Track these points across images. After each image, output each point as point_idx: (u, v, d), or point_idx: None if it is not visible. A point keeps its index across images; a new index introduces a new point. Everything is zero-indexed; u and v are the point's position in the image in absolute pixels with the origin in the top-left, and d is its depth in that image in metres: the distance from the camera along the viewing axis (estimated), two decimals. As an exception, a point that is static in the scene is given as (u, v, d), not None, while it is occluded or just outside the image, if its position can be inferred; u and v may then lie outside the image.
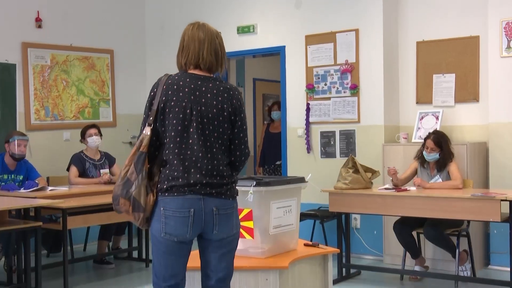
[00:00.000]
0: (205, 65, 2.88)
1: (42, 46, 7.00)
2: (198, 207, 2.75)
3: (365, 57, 6.47)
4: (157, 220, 2.79)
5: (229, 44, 7.46)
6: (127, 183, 2.81)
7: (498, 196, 4.71)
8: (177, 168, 2.77)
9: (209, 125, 2.79)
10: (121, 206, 2.82)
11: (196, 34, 2.89)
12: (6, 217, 5.06)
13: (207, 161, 2.78)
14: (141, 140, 2.81)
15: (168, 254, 2.79)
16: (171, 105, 2.80)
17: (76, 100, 7.36)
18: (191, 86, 2.82)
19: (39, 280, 4.89)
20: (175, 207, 2.75)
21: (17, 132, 6.03)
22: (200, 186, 2.76)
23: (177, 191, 2.75)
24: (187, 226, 2.74)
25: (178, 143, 2.78)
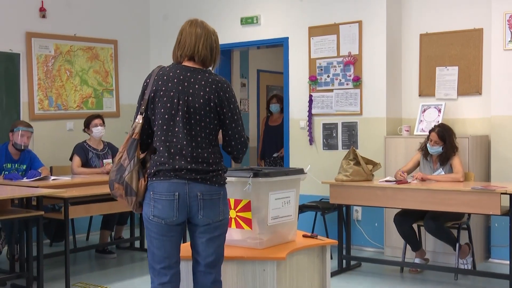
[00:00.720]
0: (199, 58, 3.00)
1: (46, 36, 7.02)
2: (182, 191, 2.88)
3: (368, 49, 6.47)
4: (147, 204, 2.95)
5: (233, 35, 7.51)
6: (120, 168, 2.97)
7: (498, 189, 4.71)
8: (163, 154, 2.92)
9: (195, 115, 2.91)
10: (116, 191, 2.98)
11: (193, 30, 3.02)
12: (9, 206, 5.09)
13: (191, 148, 2.90)
14: (134, 128, 3.00)
15: (159, 236, 2.92)
16: (160, 94, 2.95)
17: (80, 90, 7.38)
18: (180, 77, 2.95)
19: (41, 269, 4.92)
20: (162, 191, 2.89)
21: (23, 123, 6.05)
22: (186, 171, 2.89)
23: (163, 175, 2.90)
24: (173, 209, 2.89)
25: (165, 130, 2.93)
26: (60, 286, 5.10)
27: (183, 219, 2.94)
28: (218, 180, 2.96)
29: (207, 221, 2.93)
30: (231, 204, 3.32)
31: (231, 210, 3.33)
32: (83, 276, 5.59)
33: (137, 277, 5.66)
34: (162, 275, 2.95)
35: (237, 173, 3.30)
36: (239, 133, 3.00)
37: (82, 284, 5.28)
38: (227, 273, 3.13)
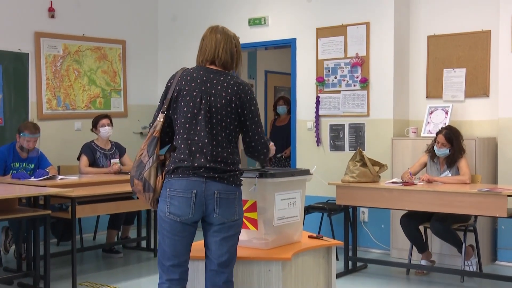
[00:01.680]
0: (220, 62, 3.08)
1: (55, 36, 7.06)
2: (200, 189, 2.93)
3: (375, 51, 6.46)
4: (163, 201, 3.00)
5: (241, 36, 7.45)
6: (140, 165, 3.06)
7: (505, 191, 4.70)
8: (183, 152, 2.98)
9: (217, 115, 2.98)
10: (135, 187, 3.07)
11: (213, 36, 3.10)
12: (16, 205, 5.13)
13: (212, 147, 2.96)
14: (155, 126, 3.08)
15: (172, 234, 2.97)
16: (183, 94, 3.02)
17: (88, 90, 7.41)
18: (203, 78, 3.03)
19: (48, 268, 4.94)
20: (179, 188, 2.94)
21: (30, 128, 5.88)
22: (204, 169, 2.94)
23: (182, 172, 2.96)
24: (189, 206, 2.93)
25: (187, 129, 3.00)
26: (67, 285, 5.13)
27: (198, 217, 2.99)
28: (235, 180, 3.02)
29: (222, 220, 2.97)
30: (237, 204, 3.32)
31: (237, 211, 3.33)
32: (90, 275, 5.61)
33: (143, 276, 5.68)
34: (171, 272, 3.01)
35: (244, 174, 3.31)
36: (259, 134, 3.05)
37: (88, 283, 5.30)
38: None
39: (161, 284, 3.05)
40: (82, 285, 5.22)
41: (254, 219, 3.29)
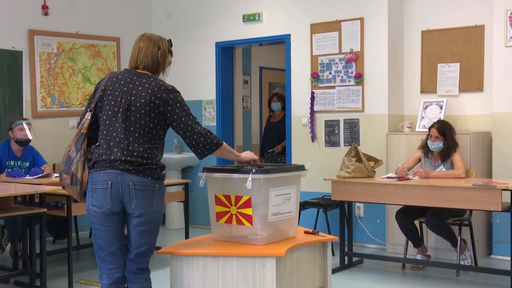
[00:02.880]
0: (142, 66, 3.30)
1: (49, 33, 7.04)
2: (115, 180, 3.10)
3: (370, 46, 6.47)
4: (87, 195, 3.19)
5: (235, 32, 7.52)
6: (68, 160, 3.23)
7: (499, 185, 4.71)
8: (102, 146, 3.17)
9: (136, 113, 3.15)
10: (63, 180, 3.23)
11: (138, 44, 3.36)
12: (12, 203, 5.12)
13: (128, 142, 3.13)
14: (83, 123, 3.26)
15: (99, 225, 3.18)
16: (107, 93, 3.23)
17: (82, 87, 7.40)
18: (127, 80, 3.23)
19: (44, 266, 4.94)
20: (97, 180, 3.13)
21: (18, 118, 6.11)
22: (120, 162, 3.11)
23: (99, 166, 3.15)
24: (106, 197, 3.11)
25: (107, 125, 3.19)
26: (63, 283, 5.13)
27: (118, 208, 3.14)
28: (152, 174, 3.14)
29: (140, 211, 3.13)
30: (232, 200, 3.33)
31: (232, 207, 3.34)
32: (86, 273, 5.61)
33: (139, 273, 5.67)
34: (107, 261, 3.19)
35: (238, 170, 3.32)
36: (191, 126, 3.16)
37: (85, 281, 5.30)
38: (227, 269, 3.15)
39: (102, 275, 3.21)
40: (79, 282, 5.22)
41: (249, 215, 3.30)
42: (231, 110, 7.88)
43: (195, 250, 3.29)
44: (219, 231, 3.45)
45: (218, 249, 3.29)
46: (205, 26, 7.73)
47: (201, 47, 7.75)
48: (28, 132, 5.93)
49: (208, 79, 7.72)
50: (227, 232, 3.41)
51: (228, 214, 3.37)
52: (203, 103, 7.75)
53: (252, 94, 9.87)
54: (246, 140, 9.18)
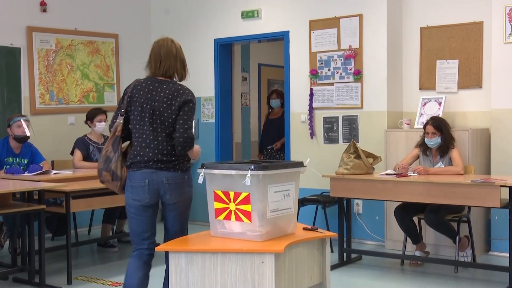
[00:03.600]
0: (162, 74, 3.70)
1: (47, 30, 7.04)
2: (151, 178, 3.61)
3: (369, 43, 6.47)
4: (126, 190, 3.69)
5: (234, 29, 7.52)
6: (107, 160, 3.68)
7: (498, 182, 4.71)
8: (136, 149, 3.65)
9: (160, 116, 3.59)
10: (104, 177, 3.70)
11: (158, 53, 3.72)
12: (11, 200, 5.13)
13: (157, 143, 3.60)
14: (116, 127, 3.68)
15: (136, 215, 3.68)
16: (134, 101, 3.65)
17: (81, 84, 7.40)
18: (149, 87, 3.66)
19: (43, 263, 4.95)
20: (135, 179, 3.63)
21: (16, 114, 6.11)
22: (153, 162, 3.60)
23: (136, 166, 3.64)
24: (144, 193, 3.62)
25: (137, 129, 3.65)
26: (62, 279, 5.13)
27: (154, 201, 3.67)
28: (181, 167, 3.65)
29: (174, 201, 3.65)
30: (231, 196, 3.33)
31: (231, 203, 3.35)
32: (85, 269, 5.61)
33: (138, 270, 5.67)
34: (140, 244, 3.73)
35: (237, 166, 3.32)
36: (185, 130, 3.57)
37: (84, 277, 5.31)
38: (226, 265, 3.15)
39: (133, 252, 3.76)
40: (77, 279, 5.23)
41: (247, 211, 3.30)
42: (230, 107, 7.88)
43: (194, 246, 3.30)
44: (218, 227, 3.45)
45: (217, 245, 3.29)
46: (203, 23, 7.73)
47: (200, 44, 7.75)
48: (27, 129, 5.93)
49: (207, 76, 7.71)
50: (226, 229, 3.42)
51: (227, 210, 3.37)
52: (202, 100, 7.74)
53: (251, 91, 9.86)
54: (244, 137, 9.18)
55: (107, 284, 5.14)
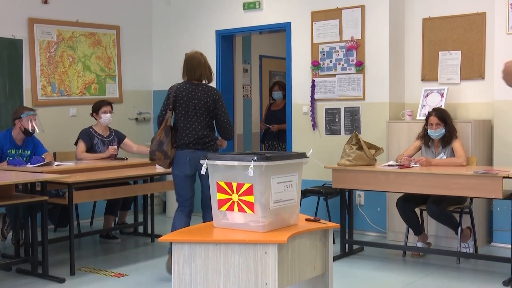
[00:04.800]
0: (196, 79, 5.05)
1: (48, 22, 7.03)
2: (191, 156, 4.93)
3: (371, 34, 6.45)
4: (173, 165, 5.01)
5: (235, 20, 7.50)
6: (160, 143, 4.95)
7: (501, 173, 4.72)
8: (181, 134, 4.98)
9: (199, 111, 4.96)
10: (156, 156, 4.97)
11: (190, 62, 5.06)
12: (13, 192, 5.13)
13: (197, 130, 4.96)
14: (167, 119, 4.97)
15: (181, 183, 5.03)
16: (178, 99, 4.98)
17: (83, 76, 7.39)
18: (189, 89, 5.01)
19: (46, 254, 4.96)
20: (181, 156, 4.97)
21: (27, 108, 6.09)
22: (193, 144, 4.95)
23: (180, 147, 4.97)
24: (186, 166, 4.96)
25: (182, 120, 4.98)
26: (65, 270, 5.14)
27: (193, 172, 4.98)
28: (212, 147, 5.00)
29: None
30: (234, 187, 3.34)
31: (234, 194, 3.35)
32: (88, 261, 5.63)
33: (141, 261, 5.70)
34: (183, 202, 5.03)
35: (240, 157, 3.32)
36: (226, 121, 5.04)
37: (87, 268, 5.32)
38: (229, 256, 3.15)
39: (178, 208, 5.05)
40: (80, 270, 5.24)
41: (250, 202, 3.30)
42: (231, 99, 7.87)
43: (197, 237, 3.29)
44: (221, 218, 3.45)
45: (220, 236, 3.29)
46: (205, 14, 7.71)
47: (201, 35, 7.73)
48: (40, 124, 5.95)
49: (209, 68, 7.68)
50: (228, 220, 3.42)
51: (230, 201, 3.37)
52: (204, 91, 7.72)
53: (252, 82, 9.85)
54: (246, 129, 9.18)
55: (109, 275, 5.15)
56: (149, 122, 8.23)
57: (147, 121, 8.19)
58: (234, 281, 3.14)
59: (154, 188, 6.45)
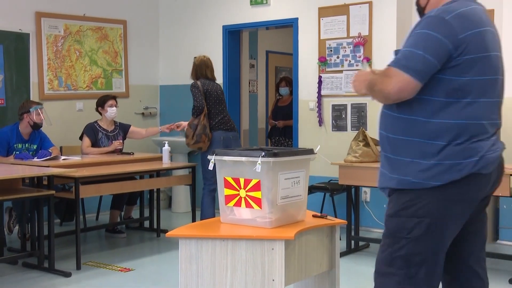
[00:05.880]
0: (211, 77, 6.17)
1: (56, 16, 7.03)
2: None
3: (378, 30, 6.43)
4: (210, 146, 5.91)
5: (242, 16, 7.49)
6: (205, 127, 5.87)
7: (508, 171, 4.69)
8: (214, 120, 6.00)
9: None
10: (202, 138, 5.84)
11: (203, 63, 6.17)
12: (20, 186, 5.14)
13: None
14: (202, 109, 5.90)
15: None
16: (209, 92, 5.97)
17: (89, 70, 7.40)
18: (211, 84, 6.05)
19: (52, 248, 4.97)
20: (215, 137, 5.96)
21: (34, 102, 6.11)
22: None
23: (215, 129, 5.98)
24: (218, 145, 5.80)
25: (214, 108, 6.02)
26: (71, 264, 5.16)
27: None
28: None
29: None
30: (241, 183, 3.33)
31: (241, 190, 3.35)
32: (93, 255, 5.64)
33: (146, 256, 5.71)
34: (209, 181, 5.93)
35: (247, 153, 3.32)
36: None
37: (92, 263, 5.34)
38: (236, 252, 3.15)
39: (204, 187, 6.00)
40: (86, 264, 5.26)
41: (258, 198, 3.30)
42: (237, 94, 7.87)
43: (204, 232, 3.30)
44: (228, 214, 3.45)
45: (227, 232, 3.29)
46: (212, 9, 7.70)
47: (208, 30, 7.73)
48: (48, 117, 5.97)
49: (215, 63, 7.60)
50: (236, 215, 3.42)
51: (237, 197, 3.37)
52: (210, 86, 7.73)
53: (258, 78, 9.84)
54: (252, 124, 9.17)
55: (115, 269, 5.16)
56: (155, 117, 8.23)
57: (153, 116, 8.19)
58: (241, 277, 3.14)
59: (160, 183, 6.46)
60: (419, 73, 2.40)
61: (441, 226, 2.51)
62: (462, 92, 2.44)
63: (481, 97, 2.49)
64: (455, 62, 2.42)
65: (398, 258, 2.58)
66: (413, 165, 2.50)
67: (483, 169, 2.48)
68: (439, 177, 2.46)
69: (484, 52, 2.48)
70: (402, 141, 2.54)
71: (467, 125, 2.47)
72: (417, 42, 2.45)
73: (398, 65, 2.46)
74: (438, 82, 2.43)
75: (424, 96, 2.46)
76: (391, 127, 2.58)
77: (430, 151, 2.46)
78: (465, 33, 2.41)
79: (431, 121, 2.46)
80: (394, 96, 2.46)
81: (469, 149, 2.46)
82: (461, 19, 2.42)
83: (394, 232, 2.60)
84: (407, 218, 2.56)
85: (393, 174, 2.61)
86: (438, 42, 2.40)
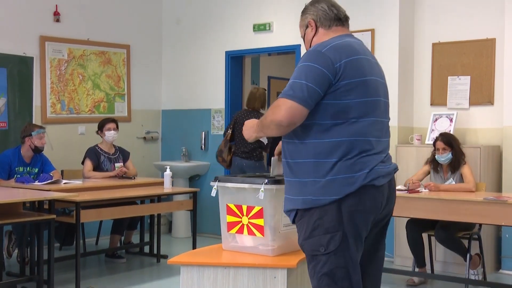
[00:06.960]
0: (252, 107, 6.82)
1: (60, 40, 7.07)
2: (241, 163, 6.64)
3: (380, 58, 6.35)
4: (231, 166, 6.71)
5: (245, 41, 7.53)
6: (230, 148, 6.66)
7: (510, 200, 4.69)
8: (237, 147, 6.66)
9: None
10: (224, 157, 6.65)
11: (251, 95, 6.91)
12: (21, 209, 5.12)
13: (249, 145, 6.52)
14: (227, 135, 6.63)
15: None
16: (237, 122, 6.63)
17: (92, 94, 7.42)
18: (245, 113, 6.69)
19: (51, 273, 4.94)
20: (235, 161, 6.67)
21: (37, 125, 6.11)
22: (241, 153, 6.62)
23: (234, 154, 6.69)
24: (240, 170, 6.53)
25: (238, 138, 6.61)
26: (70, 289, 5.12)
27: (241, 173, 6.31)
28: (257, 157, 6.64)
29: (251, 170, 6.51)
30: (244, 210, 3.32)
31: (244, 217, 3.33)
32: (93, 280, 5.60)
33: (146, 282, 5.67)
34: None
35: (250, 180, 3.31)
36: None
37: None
38: (238, 279, 3.13)
39: None
40: (85, 289, 5.22)
41: (260, 226, 3.28)
42: (239, 119, 7.87)
43: (206, 260, 3.28)
44: (230, 241, 3.43)
45: (229, 259, 3.28)
46: (215, 35, 7.75)
47: (211, 55, 7.77)
48: (49, 141, 5.97)
49: (217, 88, 7.73)
50: (238, 243, 3.40)
51: (240, 224, 3.35)
52: (212, 111, 7.76)
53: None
54: (253, 150, 9.15)
55: (115, 295, 5.12)
56: (157, 141, 8.23)
57: (155, 140, 8.20)
58: (242, 305, 3.11)
59: (161, 208, 6.44)
60: (304, 100, 2.61)
61: (354, 235, 2.67)
62: (345, 113, 2.65)
63: (364, 117, 2.69)
64: (334, 88, 2.64)
65: (324, 276, 2.68)
66: (312, 184, 2.67)
67: (374, 181, 2.66)
68: (336, 191, 2.63)
69: (361, 77, 2.70)
70: (300, 164, 2.71)
71: (355, 141, 2.66)
72: (300, 73, 2.67)
73: (285, 95, 2.65)
74: (323, 107, 2.65)
75: (313, 121, 2.66)
76: (289, 153, 2.76)
77: (324, 168, 2.65)
78: (339, 61, 2.64)
79: (322, 141, 2.66)
80: (285, 122, 2.63)
81: (360, 163, 2.64)
82: (335, 51, 2.67)
83: (312, 252, 2.70)
84: (320, 236, 2.66)
85: (297, 196, 2.74)
86: (317, 71, 2.63)
